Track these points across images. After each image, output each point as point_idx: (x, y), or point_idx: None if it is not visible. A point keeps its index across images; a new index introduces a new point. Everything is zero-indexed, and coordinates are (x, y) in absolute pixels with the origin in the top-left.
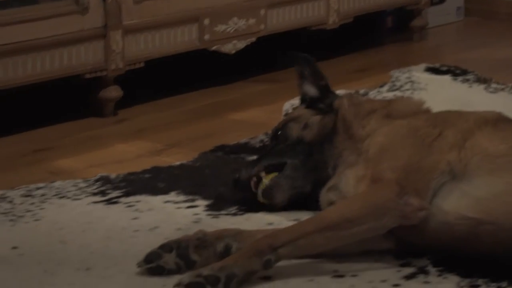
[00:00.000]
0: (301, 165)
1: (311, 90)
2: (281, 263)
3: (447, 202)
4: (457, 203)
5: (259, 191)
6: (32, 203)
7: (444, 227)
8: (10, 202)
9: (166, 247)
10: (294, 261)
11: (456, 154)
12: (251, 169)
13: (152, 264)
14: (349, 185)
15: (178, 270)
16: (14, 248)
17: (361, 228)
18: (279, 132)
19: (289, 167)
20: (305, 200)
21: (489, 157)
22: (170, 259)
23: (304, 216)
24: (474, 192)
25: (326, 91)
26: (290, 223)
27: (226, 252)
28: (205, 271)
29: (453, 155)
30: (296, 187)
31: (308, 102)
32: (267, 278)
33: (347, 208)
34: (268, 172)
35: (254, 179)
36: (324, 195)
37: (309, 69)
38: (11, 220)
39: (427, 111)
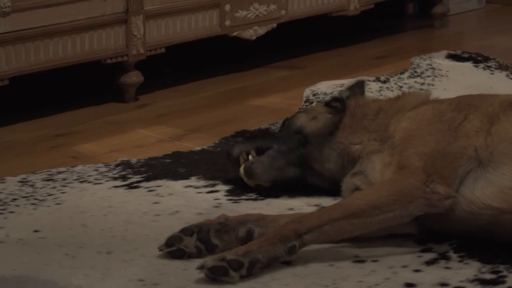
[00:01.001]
0: (287, 150)
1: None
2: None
3: (473, 190)
4: (481, 192)
5: (241, 169)
6: (54, 187)
7: (468, 216)
8: (32, 186)
9: (187, 231)
10: (314, 246)
11: (482, 140)
12: (243, 146)
13: (173, 248)
14: (375, 171)
15: (198, 254)
16: (36, 231)
17: (388, 215)
18: (286, 121)
19: (274, 150)
20: (297, 184)
21: None
22: (190, 243)
23: (325, 201)
24: (499, 180)
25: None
26: (311, 208)
27: (248, 237)
28: (229, 255)
29: (479, 140)
30: (277, 168)
31: (326, 102)
32: (288, 263)
33: (374, 195)
34: (258, 153)
35: (244, 155)
36: (349, 181)
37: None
38: (33, 204)
39: (436, 100)
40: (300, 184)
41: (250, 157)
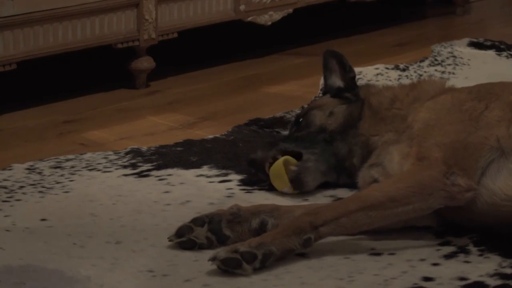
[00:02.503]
0: (320, 154)
1: (337, 82)
2: None
3: (495, 181)
4: (504, 183)
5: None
6: (62, 175)
7: (490, 208)
8: (39, 173)
9: (198, 221)
10: (329, 239)
11: (505, 129)
12: (267, 151)
13: (183, 238)
14: (393, 163)
15: (209, 245)
16: (43, 220)
17: (406, 208)
18: (301, 119)
19: (311, 154)
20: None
21: None
22: (201, 234)
23: (339, 192)
24: None
25: (353, 82)
26: (326, 199)
27: (261, 228)
28: (242, 247)
29: (502, 130)
30: (322, 174)
31: (334, 92)
32: (302, 255)
33: (392, 187)
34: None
35: (270, 160)
36: (366, 172)
37: (336, 61)
38: (40, 191)
39: (453, 89)
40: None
41: (278, 161)
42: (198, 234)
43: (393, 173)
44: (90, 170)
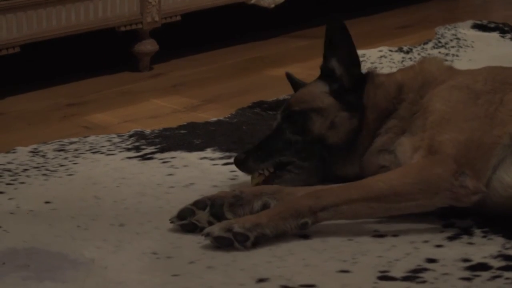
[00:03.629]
0: (309, 166)
1: (338, 70)
2: None
3: (509, 174)
4: None
5: (255, 182)
6: (66, 158)
7: (504, 201)
8: (43, 156)
9: (200, 204)
10: (333, 220)
11: None
12: (259, 163)
13: (185, 221)
14: (405, 155)
15: None
16: (47, 202)
17: (409, 204)
18: (297, 118)
19: (296, 166)
20: None
21: None
22: (203, 217)
23: None
24: None
25: (358, 82)
26: (328, 183)
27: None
28: (236, 226)
29: None
30: (301, 182)
31: (335, 89)
32: (306, 237)
33: (398, 181)
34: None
35: (260, 171)
36: (373, 158)
37: (343, 42)
38: (44, 174)
39: (453, 68)
40: None
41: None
42: (200, 218)
43: (404, 161)
44: (94, 153)
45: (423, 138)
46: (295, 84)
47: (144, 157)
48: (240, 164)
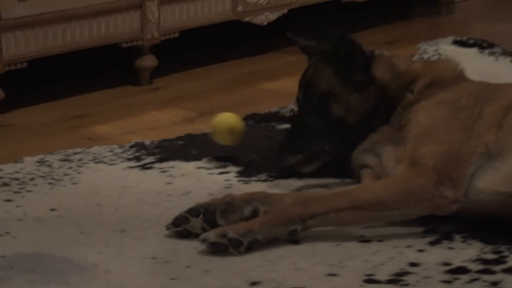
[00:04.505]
0: (338, 148)
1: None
2: None
3: (482, 181)
4: (491, 181)
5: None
6: (70, 167)
7: (477, 205)
8: (49, 166)
9: (194, 211)
10: None
11: (493, 135)
12: (296, 155)
13: (180, 228)
14: (389, 164)
15: None
16: (53, 209)
17: (393, 212)
18: (316, 100)
19: (330, 155)
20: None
21: None
22: (197, 224)
23: (332, 182)
24: (507, 167)
25: (365, 60)
26: (318, 189)
27: (254, 216)
28: (231, 232)
29: (490, 136)
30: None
31: (343, 72)
32: (296, 242)
33: (382, 191)
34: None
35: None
36: (359, 156)
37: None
38: (50, 183)
39: (463, 76)
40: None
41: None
42: (194, 224)
43: (387, 170)
44: (97, 162)
45: (405, 150)
46: (300, 43)
47: (144, 167)
48: (278, 159)
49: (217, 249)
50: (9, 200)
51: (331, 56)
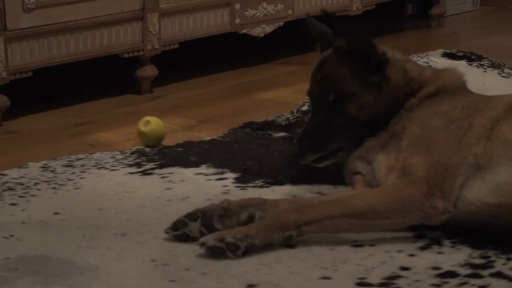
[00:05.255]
0: (352, 146)
1: (361, 51)
2: None
3: (471, 192)
4: (479, 192)
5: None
6: (73, 173)
7: (466, 216)
8: (53, 171)
9: (192, 216)
10: None
11: (482, 147)
12: (315, 153)
13: (178, 232)
14: (380, 172)
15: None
16: (56, 213)
17: (385, 221)
18: (332, 99)
19: (348, 152)
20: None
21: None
22: (195, 228)
23: (326, 189)
24: (494, 178)
25: (381, 61)
26: (312, 195)
27: (250, 221)
28: (228, 237)
29: (479, 147)
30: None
31: (359, 72)
32: (291, 246)
33: (375, 200)
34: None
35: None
36: (352, 162)
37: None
38: (53, 188)
39: (465, 88)
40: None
41: None
42: (192, 228)
43: (379, 181)
44: (99, 168)
45: (397, 159)
46: (317, 29)
47: (144, 173)
48: (297, 157)
49: (215, 252)
50: (14, 204)
51: (347, 54)
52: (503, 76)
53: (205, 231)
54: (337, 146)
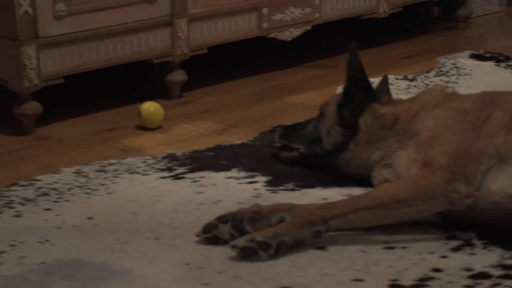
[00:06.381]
0: (311, 156)
1: (352, 90)
2: (335, 234)
3: (495, 183)
4: (504, 183)
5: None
6: (106, 178)
7: (491, 206)
8: (86, 176)
9: (223, 219)
10: (346, 233)
11: (503, 138)
12: (280, 137)
13: (209, 234)
14: (402, 166)
15: (232, 240)
16: (90, 218)
17: (409, 209)
18: (318, 117)
19: (300, 153)
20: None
21: None
22: (225, 230)
23: (357, 192)
24: None
25: (359, 104)
26: (342, 198)
27: None
28: (259, 237)
29: (500, 139)
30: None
31: (341, 106)
32: (322, 248)
33: (398, 190)
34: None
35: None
36: (377, 172)
37: (357, 67)
38: (87, 193)
39: (456, 93)
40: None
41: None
42: (222, 230)
43: (402, 175)
44: (131, 173)
45: (418, 152)
46: (380, 89)
47: (176, 177)
48: (277, 133)
49: (247, 253)
50: (48, 209)
51: (346, 84)
52: None
53: (235, 233)
54: (295, 146)
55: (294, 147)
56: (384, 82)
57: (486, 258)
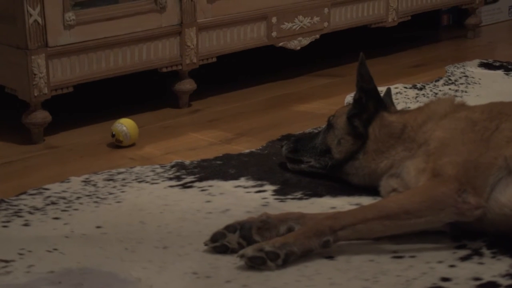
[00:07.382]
0: (319, 167)
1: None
2: (343, 243)
3: (504, 195)
4: None
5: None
6: (114, 187)
7: (500, 218)
8: (94, 185)
9: (231, 228)
10: (355, 242)
11: None
12: (289, 151)
13: (217, 243)
14: (410, 176)
15: (240, 250)
16: (98, 227)
17: (419, 220)
18: (326, 129)
19: (309, 165)
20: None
21: None
22: (233, 239)
23: (365, 201)
24: None
25: (368, 114)
26: (352, 207)
27: None
28: (267, 246)
29: (509, 150)
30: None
31: (352, 116)
32: (331, 257)
33: (407, 200)
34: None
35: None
36: (385, 182)
37: (367, 78)
38: (95, 202)
39: (464, 104)
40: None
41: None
42: (231, 239)
43: (410, 185)
44: (139, 182)
45: (427, 162)
46: (385, 100)
47: (184, 186)
48: (283, 152)
49: (255, 263)
50: (57, 218)
51: (356, 94)
52: None
53: (243, 242)
54: (305, 160)
55: (304, 160)
56: (388, 95)
57: (495, 267)
